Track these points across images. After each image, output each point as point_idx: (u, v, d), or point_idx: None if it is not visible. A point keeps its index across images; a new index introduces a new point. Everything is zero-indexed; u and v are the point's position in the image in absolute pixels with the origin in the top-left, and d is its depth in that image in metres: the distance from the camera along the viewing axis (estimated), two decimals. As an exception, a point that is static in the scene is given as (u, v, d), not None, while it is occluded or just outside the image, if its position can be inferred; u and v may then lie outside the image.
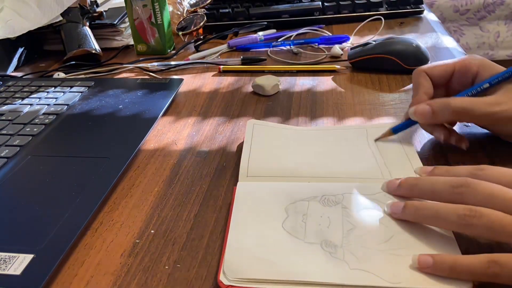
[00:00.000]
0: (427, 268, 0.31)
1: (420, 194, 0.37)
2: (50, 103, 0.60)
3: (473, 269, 0.30)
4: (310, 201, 0.39)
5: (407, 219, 0.36)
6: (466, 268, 0.30)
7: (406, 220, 0.36)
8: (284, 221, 0.37)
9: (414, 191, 0.37)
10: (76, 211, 0.39)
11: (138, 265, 0.35)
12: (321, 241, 0.35)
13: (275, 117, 0.56)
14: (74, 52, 0.77)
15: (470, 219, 0.32)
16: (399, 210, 0.36)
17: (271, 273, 0.32)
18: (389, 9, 0.90)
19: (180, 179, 0.46)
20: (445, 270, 0.31)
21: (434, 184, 0.36)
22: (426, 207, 0.35)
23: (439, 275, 0.31)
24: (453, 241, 0.34)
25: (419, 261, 0.32)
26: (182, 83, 0.65)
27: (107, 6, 0.90)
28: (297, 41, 0.79)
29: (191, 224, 0.39)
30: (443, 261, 0.31)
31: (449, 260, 0.31)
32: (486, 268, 0.30)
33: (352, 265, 0.33)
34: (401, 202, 0.37)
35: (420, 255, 0.32)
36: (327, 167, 0.44)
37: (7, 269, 0.33)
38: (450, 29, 1.91)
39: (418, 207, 0.35)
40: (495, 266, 0.29)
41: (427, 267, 0.32)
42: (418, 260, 0.32)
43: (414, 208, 0.36)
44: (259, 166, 0.44)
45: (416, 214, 0.35)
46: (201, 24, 0.85)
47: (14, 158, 0.48)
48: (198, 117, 0.58)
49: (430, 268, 0.31)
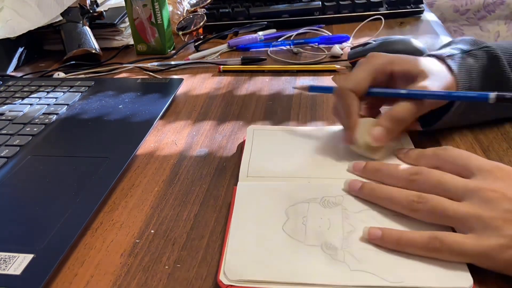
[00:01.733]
0: (376, 239, 0.34)
1: (382, 178, 0.40)
2: (50, 103, 0.60)
3: (416, 243, 0.33)
4: (310, 203, 0.39)
5: (362, 198, 0.39)
6: (409, 242, 0.33)
7: (402, 214, 0.37)
8: (285, 223, 0.37)
9: (376, 175, 0.41)
10: (76, 211, 0.39)
11: (138, 265, 0.35)
12: (321, 243, 0.35)
13: (275, 117, 0.56)
14: (74, 52, 0.77)
15: (417, 204, 0.35)
16: (356, 188, 0.39)
17: (271, 275, 0.32)
18: (389, 9, 0.90)
19: (180, 179, 0.46)
20: (392, 242, 0.34)
21: (396, 170, 0.40)
22: (382, 189, 0.38)
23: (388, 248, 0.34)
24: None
25: (369, 233, 0.35)
26: (182, 83, 0.65)
27: (107, 6, 0.90)
28: (297, 41, 0.79)
29: (191, 224, 0.39)
30: (390, 234, 0.34)
31: (395, 234, 0.34)
32: (427, 243, 0.33)
33: (352, 267, 0.33)
34: (359, 181, 0.40)
35: (370, 227, 0.35)
36: (327, 167, 0.44)
37: (7, 269, 0.33)
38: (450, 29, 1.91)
39: (374, 188, 0.39)
40: (435, 242, 0.32)
41: (376, 238, 0.34)
42: (368, 232, 0.35)
43: (370, 188, 0.39)
44: (259, 167, 0.44)
45: (371, 195, 0.38)
46: (201, 24, 0.85)
47: (14, 158, 0.48)
48: (198, 117, 0.58)
49: (379, 240, 0.34)
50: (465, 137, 0.48)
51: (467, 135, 0.49)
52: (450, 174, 0.37)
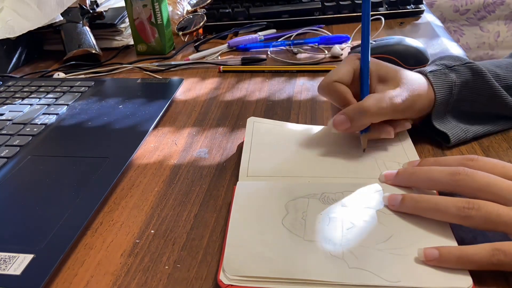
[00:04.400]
0: (433, 260, 0.32)
1: (418, 183, 0.38)
2: (50, 103, 0.60)
3: (479, 258, 0.31)
4: (310, 198, 0.39)
5: (405, 211, 0.36)
6: (472, 258, 0.31)
7: (404, 212, 0.36)
8: (284, 217, 0.37)
9: (411, 179, 0.39)
10: (76, 211, 0.39)
11: (138, 265, 0.35)
12: (320, 239, 0.35)
13: (275, 117, 0.56)
14: (74, 52, 0.77)
15: (469, 211, 0.33)
16: (397, 202, 0.37)
17: (270, 271, 0.32)
18: (389, 9, 0.90)
19: (180, 179, 0.46)
20: (452, 261, 0.32)
21: (431, 172, 0.37)
22: (425, 199, 0.36)
23: (445, 267, 0.32)
24: (453, 242, 0.34)
25: (425, 254, 0.32)
26: (182, 83, 0.65)
27: (107, 6, 0.90)
28: (297, 41, 0.79)
29: (191, 224, 0.39)
30: (450, 252, 0.32)
31: (455, 251, 0.32)
32: (490, 256, 0.31)
33: (351, 264, 0.33)
34: (399, 194, 0.37)
35: (425, 248, 0.33)
36: (326, 166, 0.44)
37: (7, 269, 0.33)
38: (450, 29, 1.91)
39: (417, 199, 0.36)
40: (499, 254, 0.31)
41: (433, 259, 0.32)
42: (424, 253, 0.32)
43: (413, 200, 0.36)
44: (259, 166, 0.44)
45: (415, 207, 0.36)
46: (201, 24, 0.85)
47: (14, 158, 0.48)
48: (198, 117, 0.58)
49: (437, 260, 0.32)
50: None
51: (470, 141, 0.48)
52: (495, 175, 0.35)
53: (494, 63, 0.49)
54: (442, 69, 0.47)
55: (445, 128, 0.46)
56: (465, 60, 0.48)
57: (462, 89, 0.46)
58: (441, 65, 0.48)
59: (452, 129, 0.47)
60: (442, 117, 0.47)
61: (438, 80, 0.46)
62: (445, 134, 0.46)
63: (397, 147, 0.46)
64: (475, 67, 0.47)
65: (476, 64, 0.47)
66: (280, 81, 0.67)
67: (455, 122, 0.47)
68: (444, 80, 0.46)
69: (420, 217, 0.36)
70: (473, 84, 0.46)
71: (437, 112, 0.46)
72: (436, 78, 0.46)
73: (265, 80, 0.67)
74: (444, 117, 0.47)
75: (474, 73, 0.46)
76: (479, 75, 0.46)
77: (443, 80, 0.46)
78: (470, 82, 0.46)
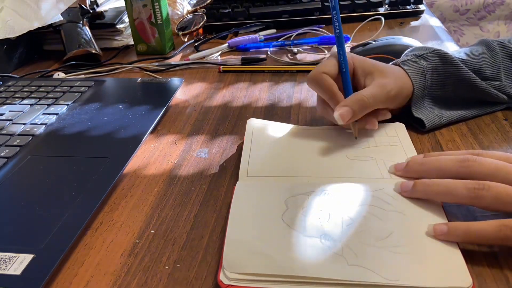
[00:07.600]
0: (442, 235, 0.34)
1: (427, 172, 0.39)
2: (50, 103, 0.60)
3: (486, 233, 0.32)
4: (310, 195, 0.39)
5: (417, 197, 0.38)
6: (479, 232, 0.33)
7: (403, 211, 0.37)
8: (284, 213, 0.37)
9: (421, 169, 0.40)
10: (76, 211, 0.39)
11: (138, 265, 0.35)
12: (320, 235, 0.35)
13: (275, 117, 0.56)
14: (74, 52, 0.77)
15: (480, 191, 0.34)
16: (409, 187, 0.38)
17: (269, 268, 0.32)
18: (389, 9, 0.90)
19: (180, 179, 0.46)
20: (459, 235, 0.33)
21: (440, 161, 0.39)
22: (436, 183, 0.37)
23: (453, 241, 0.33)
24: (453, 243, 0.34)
25: (435, 229, 0.34)
26: (182, 83, 0.65)
27: (107, 6, 0.90)
28: (297, 41, 0.79)
29: (191, 224, 0.39)
30: (457, 227, 0.33)
31: (462, 226, 0.33)
32: (497, 231, 0.32)
33: (350, 261, 0.33)
34: (410, 181, 0.39)
35: (435, 224, 0.34)
36: (326, 166, 0.44)
37: (7, 269, 0.33)
38: (450, 29, 1.91)
39: (428, 183, 0.37)
40: (506, 229, 0.32)
41: (441, 234, 0.34)
42: (433, 228, 0.34)
43: (424, 184, 0.37)
44: (259, 166, 0.44)
45: (426, 191, 0.37)
46: (201, 24, 0.85)
47: (14, 158, 0.48)
48: (198, 117, 0.58)
49: (445, 235, 0.34)
50: (465, 137, 0.48)
51: (467, 135, 0.49)
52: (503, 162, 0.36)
53: (461, 50, 0.53)
54: (412, 58, 0.50)
55: (421, 114, 0.49)
56: (433, 48, 0.51)
57: (433, 73, 0.50)
58: (411, 55, 0.51)
59: (427, 115, 0.49)
60: (420, 103, 0.50)
61: (411, 68, 0.49)
62: (420, 120, 0.49)
63: (397, 147, 0.46)
64: (442, 53, 0.50)
65: (443, 51, 0.50)
66: (280, 81, 0.67)
67: (430, 108, 0.50)
68: (416, 68, 0.49)
69: (421, 215, 0.36)
70: (442, 69, 0.49)
71: (416, 98, 0.49)
72: (409, 66, 0.49)
73: (265, 80, 0.67)
74: (421, 104, 0.50)
75: (441, 59, 0.50)
76: (446, 60, 0.49)
77: (415, 67, 0.49)
78: (439, 67, 0.50)
